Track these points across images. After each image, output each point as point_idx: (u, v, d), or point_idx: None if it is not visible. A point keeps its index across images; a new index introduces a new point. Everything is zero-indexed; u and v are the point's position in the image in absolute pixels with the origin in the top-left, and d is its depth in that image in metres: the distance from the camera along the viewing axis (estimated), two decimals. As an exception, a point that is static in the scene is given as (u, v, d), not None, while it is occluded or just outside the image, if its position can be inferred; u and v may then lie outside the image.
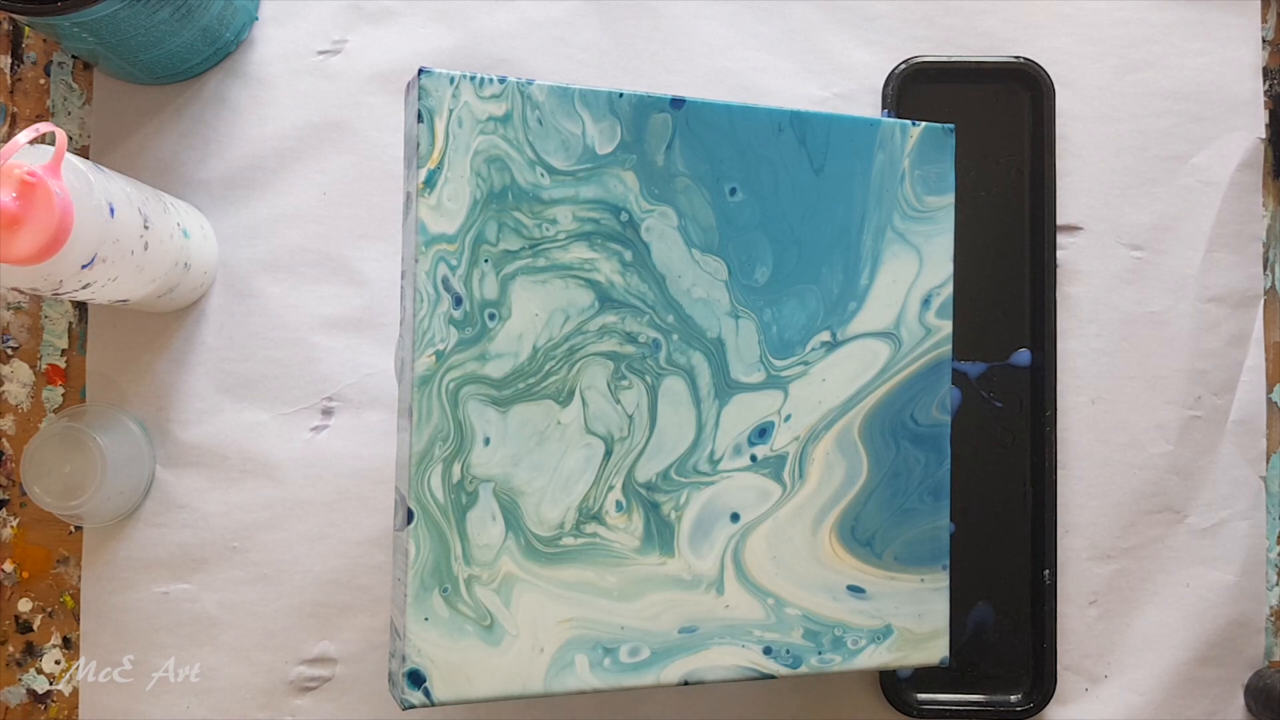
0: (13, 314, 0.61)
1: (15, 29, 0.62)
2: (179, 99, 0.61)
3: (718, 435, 0.50)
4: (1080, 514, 0.62)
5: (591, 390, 0.48)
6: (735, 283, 0.50)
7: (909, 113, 0.62)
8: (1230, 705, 0.62)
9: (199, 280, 0.59)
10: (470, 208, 0.46)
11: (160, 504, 0.60)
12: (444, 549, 0.46)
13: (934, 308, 0.53)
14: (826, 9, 0.63)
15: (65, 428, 0.55)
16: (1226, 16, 0.64)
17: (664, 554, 0.49)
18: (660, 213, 0.49)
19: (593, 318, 0.48)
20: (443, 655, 0.46)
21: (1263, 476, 0.63)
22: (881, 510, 0.52)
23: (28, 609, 0.61)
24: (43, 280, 0.46)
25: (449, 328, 0.46)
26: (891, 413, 0.52)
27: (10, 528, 0.61)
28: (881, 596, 0.52)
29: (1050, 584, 0.61)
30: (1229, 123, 0.64)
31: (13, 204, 0.43)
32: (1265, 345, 0.64)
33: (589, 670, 0.48)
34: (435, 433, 0.46)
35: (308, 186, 0.61)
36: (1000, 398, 0.62)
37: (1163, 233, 0.63)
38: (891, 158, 0.52)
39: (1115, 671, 0.62)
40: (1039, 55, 0.63)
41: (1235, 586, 0.62)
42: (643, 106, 0.48)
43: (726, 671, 0.50)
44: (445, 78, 0.46)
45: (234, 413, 0.60)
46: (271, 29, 0.62)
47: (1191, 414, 0.63)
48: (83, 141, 0.61)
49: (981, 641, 0.61)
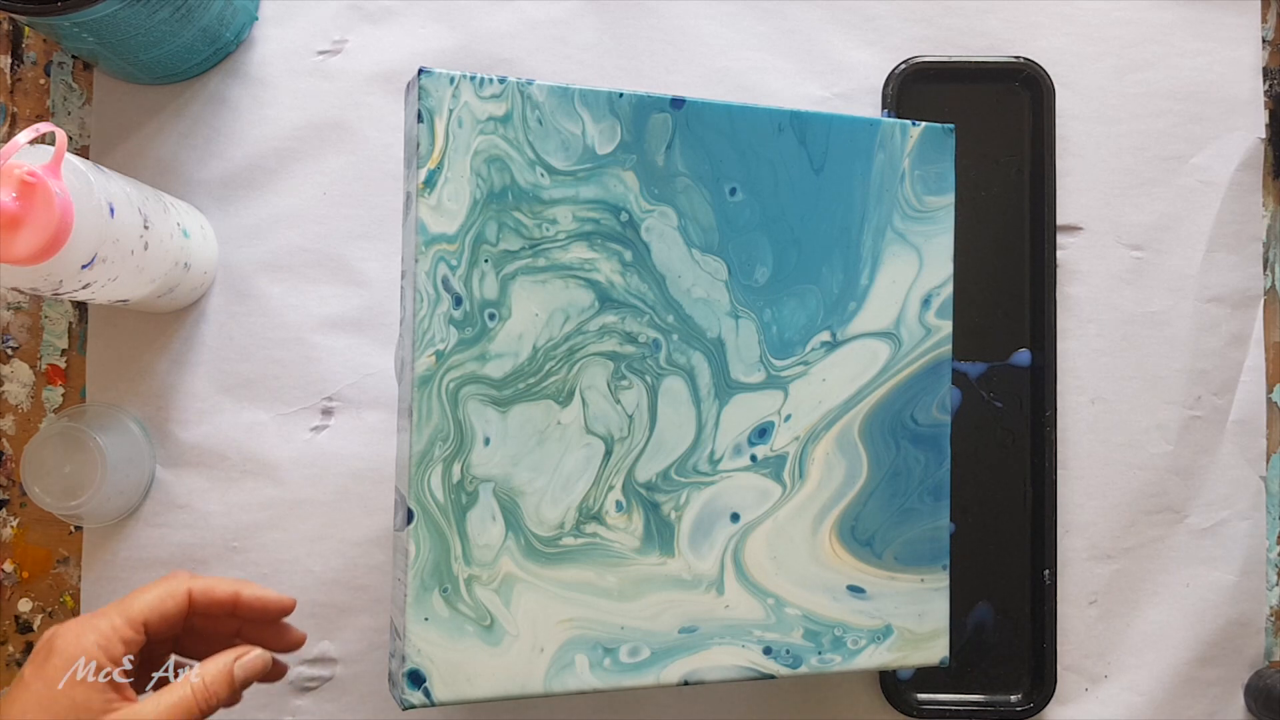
0: (13, 314, 0.61)
1: (15, 29, 0.62)
2: (179, 99, 0.61)
3: (718, 435, 0.50)
4: (1080, 514, 0.62)
5: (591, 390, 0.48)
6: (735, 283, 0.50)
7: (909, 113, 0.62)
8: (1230, 705, 0.62)
9: (199, 280, 0.59)
10: (470, 208, 0.46)
11: (160, 504, 0.60)
12: (444, 549, 0.46)
13: (934, 308, 0.53)
14: (826, 9, 0.63)
15: (65, 428, 0.55)
16: (1226, 16, 0.64)
17: (664, 554, 0.49)
18: (660, 213, 0.49)
19: (593, 318, 0.48)
20: (443, 655, 0.46)
21: (1263, 476, 0.63)
22: (881, 510, 0.52)
23: (28, 609, 0.61)
24: (43, 280, 0.46)
25: (449, 328, 0.46)
26: (891, 413, 0.52)
27: (10, 528, 0.61)
28: (881, 596, 0.52)
29: (1050, 584, 0.61)
30: (1229, 123, 0.64)
31: (13, 204, 0.43)
32: (1265, 345, 0.64)
33: (589, 670, 0.48)
34: (435, 433, 0.46)
35: (308, 186, 0.61)
36: (1000, 398, 0.62)
37: (1163, 233, 0.63)
38: (891, 158, 0.52)
39: (1115, 671, 0.62)
40: (1039, 55, 0.63)
41: (1235, 586, 0.62)
42: (643, 106, 0.48)
43: (726, 671, 0.50)
44: (445, 78, 0.46)
45: (234, 413, 0.60)
46: (271, 29, 0.62)
47: (1191, 414, 0.63)
48: (83, 141, 0.61)
49: (981, 641, 0.61)
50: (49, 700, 0.43)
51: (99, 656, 0.43)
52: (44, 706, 0.43)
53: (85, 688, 0.43)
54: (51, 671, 0.43)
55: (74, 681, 0.43)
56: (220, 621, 0.49)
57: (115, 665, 0.44)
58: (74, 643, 0.43)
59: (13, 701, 0.43)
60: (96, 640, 0.44)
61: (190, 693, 0.45)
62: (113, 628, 0.44)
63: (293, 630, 0.51)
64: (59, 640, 0.44)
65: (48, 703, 0.43)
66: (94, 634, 0.44)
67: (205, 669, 0.46)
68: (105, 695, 0.43)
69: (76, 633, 0.44)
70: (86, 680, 0.43)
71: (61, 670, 0.43)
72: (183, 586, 0.47)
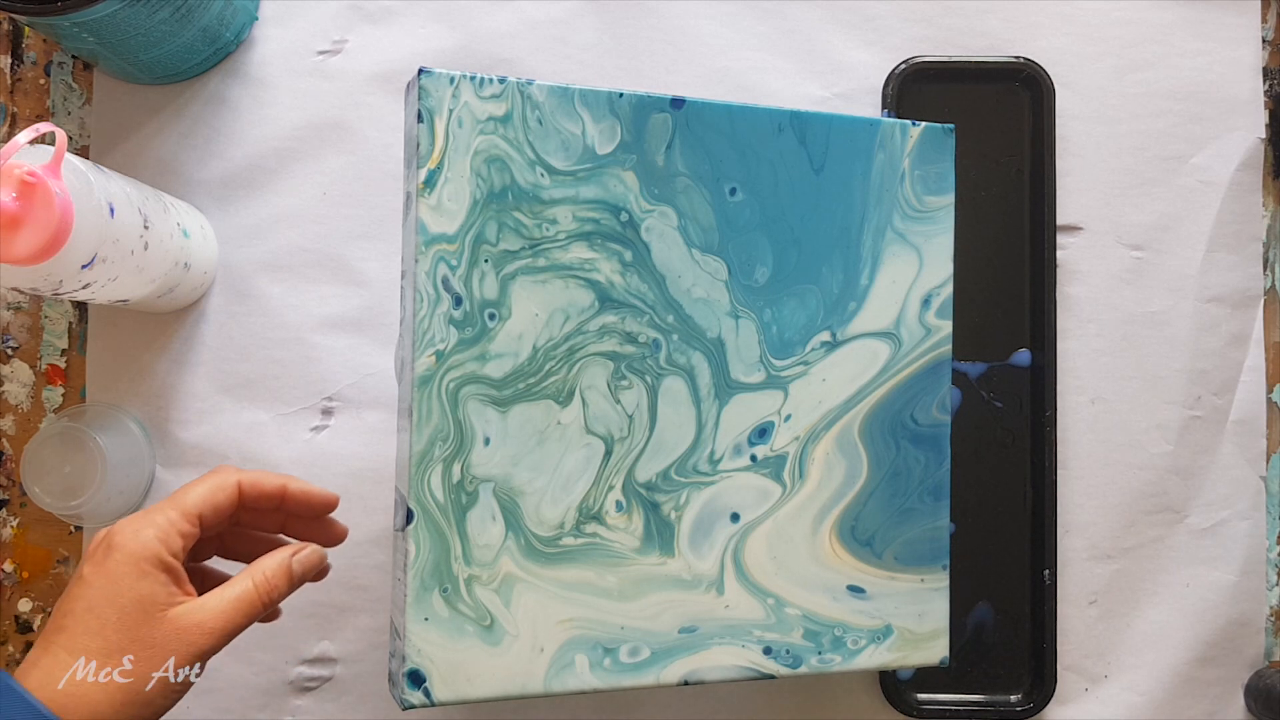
0: (13, 314, 0.61)
1: (15, 29, 0.62)
2: (179, 99, 0.61)
3: (718, 435, 0.50)
4: (1080, 514, 0.62)
5: (591, 390, 0.48)
6: (735, 283, 0.50)
7: (909, 113, 0.62)
8: (1230, 705, 0.62)
9: (199, 280, 0.59)
10: (470, 208, 0.46)
11: (160, 504, 0.60)
12: (444, 549, 0.46)
13: (934, 308, 0.53)
14: (826, 9, 0.63)
15: (65, 428, 0.55)
16: (1226, 16, 0.64)
17: (664, 554, 0.49)
18: (660, 213, 0.49)
19: (593, 318, 0.48)
20: (443, 655, 0.46)
21: (1263, 476, 0.63)
22: (881, 510, 0.52)
23: (28, 609, 0.61)
24: (43, 280, 0.46)
25: (449, 328, 0.46)
26: (892, 413, 0.52)
27: (10, 528, 0.61)
28: (881, 596, 0.52)
29: (1050, 584, 0.61)
30: (1229, 123, 0.64)
31: (13, 204, 0.43)
32: (1265, 345, 0.64)
33: (589, 670, 0.48)
34: (435, 433, 0.46)
35: (308, 186, 0.61)
36: (1000, 398, 0.62)
37: (1163, 233, 0.63)
38: (891, 158, 0.52)
39: (1115, 671, 0.62)
40: (1039, 55, 0.63)
41: (1235, 586, 0.62)
42: (643, 106, 0.48)
43: (726, 671, 0.50)
44: (445, 78, 0.46)
45: (234, 413, 0.60)
46: (271, 29, 0.62)
47: (1191, 414, 0.63)
48: (83, 141, 0.61)
49: (981, 641, 0.61)
50: (114, 594, 0.43)
51: (158, 551, 0.44)
52: (109, 601, 0.43)
53: (150, 581, 0.43)
54: (113, 567, 0.43)
55: (139, 574, 0.43)
56: (265, 516, 0.50)
57: (174, 558, 0.44)
58: (133, 538, 0.44)
59: (76, 599, 0.43)
60: (155, 534, 0.44)
61: (252, 585, 0.45)
62: (169, 521, 0.45)
63: (337, 524, 0.51)
64: (118, 536, 0.44)
65: (113, 596, 0.43)
66: (152, 528, 0.44)
67: (264, 563, 0.46)
68: (169, 589, 0.44)
69: (135, 528, 0.44)
70: (148, 577, 0.43)
71: (123, 565, 0.43)
72: (232, 479, 0.47)
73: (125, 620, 0.43)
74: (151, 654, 0.43)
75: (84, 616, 0.43)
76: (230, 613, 0.44)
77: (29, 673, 0.42)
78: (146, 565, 0.43)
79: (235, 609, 0.45)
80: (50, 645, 0.43)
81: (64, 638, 0.43)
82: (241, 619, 0.45)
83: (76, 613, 0.43)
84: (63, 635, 0.43)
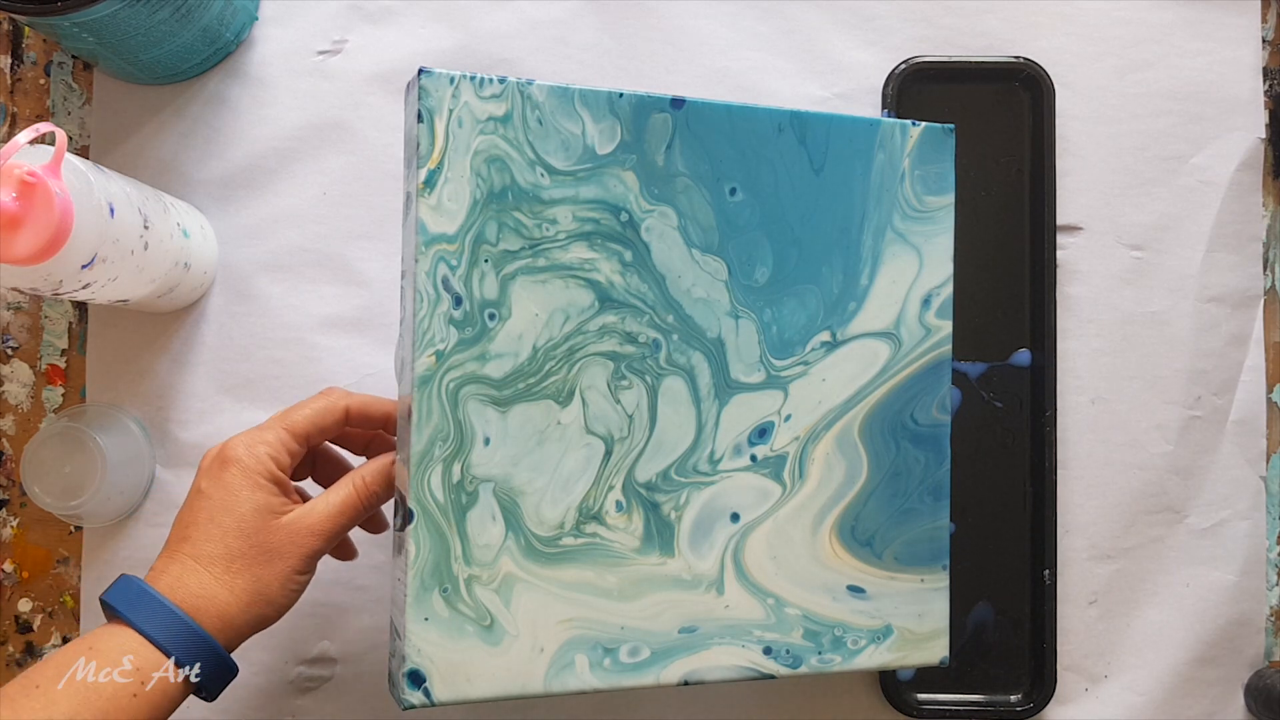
0: (13, 314, 0.61)
1: (15, 29, 0.62)
2: (179, 99, 0.61)
3: (718, 435, 0.50)
4: (1080, 514, 0.62)
5: (591, 390, 0.48)
6: (735, 283, 0.50)
7: (909, 113, 0.62)
8: (1230, 705, 0.62)
9: (199, 280, 0.59)
10: (470, 208, 0.46)
11: (160, 504, 0.60)
12: (444, 549, 0.46)
13: (934, 308, 0.53)
14: (826, 9, 0.63)
15: (65, 428, 0.55)
16: (1226, 16, 0.64)
17: (664, 554, 0.49)
18: (660, 213, 0.49)
19: (593, 318, 0.48)
20: (443, 655, 0.46)
21: (1263, 476, 0.63)
22: (881, 510, 0.52)
23: (28, 609, 0.61)
24: (43, 280, 0.46)
25: (449, 328, 0.46)
26: (892, 413, 0.52)
27: (10, 528, 0.61)
28: (881, 596, 0.52)
29: (1050, 584, 0.61)
30: (1229, 123, 0.64)
31: (13, 204, 0.43)
32: (1265, 345, 0.64)
33: (589, 670, 0.48)
34: (435, 433, 0.46)
35: (308, 186, 0.61)
36: (1000, 398, 0.62)
37: (1163, 233, 0.63)
38: (891, 158, 0.52)
39: (1115, 671, 0.62)
40: (1039, 55, 0.63)
41: (1235, 586, 0.62)
42: (643, 106, 0.48)
43: (726, 671, 0.50)
44: (445, 78, 0.46)
45: (234, 413, 0.60)
46: (271, 29, 0.62)
47: (1191, 414, 0.63)
48: (83, 141, 0.61)
49: (981, 641, 0.61)
50: (232, 505, 0.47)
51: (270, 466, 0.47)
52: (228, 510, 0.47)
53: (263, 492, 0.47)
54: (229, 480, 0.47)
55: (254, 486, 0.47)
56: (352, 438, 0.54)
57: (284, 472, 0.48)
58: (247, 453, 0.47)
59: (197, 510, 0.47)
60: (268, 451, 0.48)
61: (353, 490, 0.49)
62: (279, 439, 0.48)
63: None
64: (232, 451, 0.47)
65: (231, 506, 0.47)
66: (264, 445, 0.48)
67: (365, 469, 0.49)
68: (280, 498, 0.48)
69: (248, 444, 0.48)
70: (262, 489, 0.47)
71: (239, 478, 0.47)
72: (341, 404, 0.50)
73: (243, 528, 0.46)
74: (269, 556, 0.46)
75: (206, 526, 0.46)
76: (336, 515, 0.48)
77: (159, 578, 0.46)
78: (260, 478, 0.47)
79: (340, 511, 0.48)
80: (176, 554, 0.46)
81: (188, 546, 0.46)
82: (345, 520, 0.48)
83: (199, 523, 0.47)
84: (186, 544, 0.46)
